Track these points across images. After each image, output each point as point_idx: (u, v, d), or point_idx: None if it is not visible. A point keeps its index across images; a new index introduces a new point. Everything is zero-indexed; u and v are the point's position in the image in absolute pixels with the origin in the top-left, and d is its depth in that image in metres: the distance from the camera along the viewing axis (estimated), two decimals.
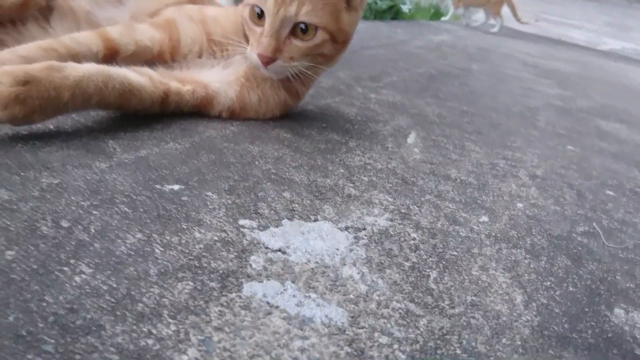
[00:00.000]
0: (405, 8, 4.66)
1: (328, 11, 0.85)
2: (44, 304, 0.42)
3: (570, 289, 0.62)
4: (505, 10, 4.99)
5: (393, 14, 4.50)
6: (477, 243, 0.68)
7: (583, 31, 6.40)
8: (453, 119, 1.35)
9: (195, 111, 0.93)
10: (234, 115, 0.96)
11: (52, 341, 0.39)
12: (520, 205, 0.84)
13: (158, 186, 0.65)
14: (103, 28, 0.92)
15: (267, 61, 0.85)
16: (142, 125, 0.83)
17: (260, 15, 0.85)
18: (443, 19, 5.32)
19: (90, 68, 0.75)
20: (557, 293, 0.60)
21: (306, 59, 0.88)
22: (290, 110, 1.04)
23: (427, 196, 0.79)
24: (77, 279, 0.46)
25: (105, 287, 0.45)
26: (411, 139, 1.08)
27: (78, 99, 0.73)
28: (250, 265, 0.53)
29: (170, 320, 0.43)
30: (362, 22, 3.37)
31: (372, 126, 1.12)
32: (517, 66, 2.80)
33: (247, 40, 0.94)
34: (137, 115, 0.84)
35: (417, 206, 0.75)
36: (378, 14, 4.21)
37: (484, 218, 0.76)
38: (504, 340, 0.50)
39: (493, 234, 0.71)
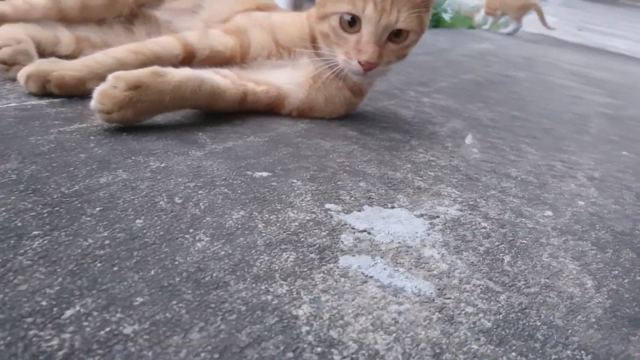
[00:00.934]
0: (446, 16, 4.69)
1: (416, 15, 0.91)
2: (176, 263, 0.49)
3: (638, 278, 0.65)
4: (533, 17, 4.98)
5: (434, 22, 4.53)
6: (544, 234, 0.71)
7: (626, 41, 6.25)
8: (505, 123, 1.38)
9: (267, 110, 1.00)
10: (302, 114, 1.03)
11: (190, 292, 0.45)
12: (581, 203, 0.87)
13: (249, 172, 0.71)
14: (182, 34, 1.00)
15: (370, 67, 0.90)
16: (223, 121, 0.91)
17: (352, 23, 0.90)
18: (483, 27, 5.32)
19: (186, 73, 0.83)
20: (626, 281, 0.63)
21: (395, 58, 0.94)
22: (353, 109, 1.10)
23: (492, 191, 0.83)
24: (198, 245, 0.52)
25: (222, 253, 0.52)
26: (469, 140, 1.12)
27: (177, 102, 0.81)
28: (342, 242, 0.58)
29: (282, 282, 0.49)
30: None
31: (429, 127, 1.17)
32: (562, 75, 2.79)
33: (314, 43, 1.00)
34: (218, 112, 0.91)
35: (484, 200, 0.79)
36: None
37: (548, 213, 0.79)
38: (579, 317, 0.53)
39: (558, 227, 0.75)
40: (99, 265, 0.46)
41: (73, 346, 0.37)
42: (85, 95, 0.87)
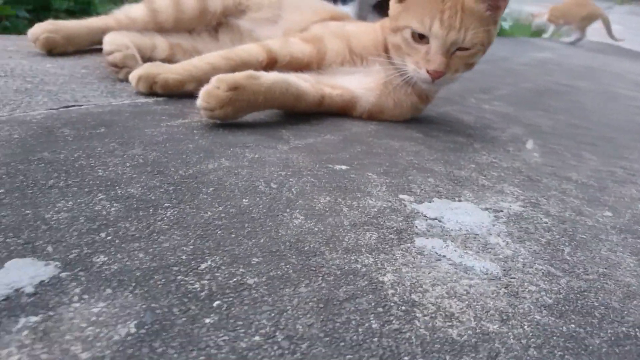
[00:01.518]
0: (505, 25, 4.64)
1: (483, 29, 0.98)
2: (280, 234, 0.58)
3: None
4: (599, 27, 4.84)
5: None
6: (604, 231, 0.76)
7: None
8: (565, 131, 1.41)
9: (340, 112, 1.09)
10: (372, 116, 1.11)
11: (294, 257, 0.54)
12: None
13: (330, 165, 0.81)
14: (265, 42, 1.11)
15: (438, 76, 0.98)
16: (301, 121, 1.00)
17: (422, 36, 0.98)
18: (544, 36, 5.21)
19: (276, 77, 0.93)
20: None
21: (463, 67, 1.01)
22: (419, 113, 1.17)
23: (552, 192, 0.89)
24: (295, 221, 0.62)
25: (316, 229, 0.61)
26: (529, 145, 1.17)
27: (268, 102, 0.92)
28: (416, 226, 0.66)
29: (368, 255, 0.58)
30: None
31: (490, 132, 1.23)
32: (628, 85, 2.73)
33: (386, 52, 1.09)
34: (298, 113, 1.02)
35: (545, 199, 0.85)
36: None
37: (608, 213, 0.84)
38: (635, 302, 0.59)
39: (617, 226, 0.79)
40: (219, 232, 0.57)
41: (211, 289, 0.47)
42: (184, 95, 0.99)
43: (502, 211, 0.76)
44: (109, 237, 0.52)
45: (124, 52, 1.06)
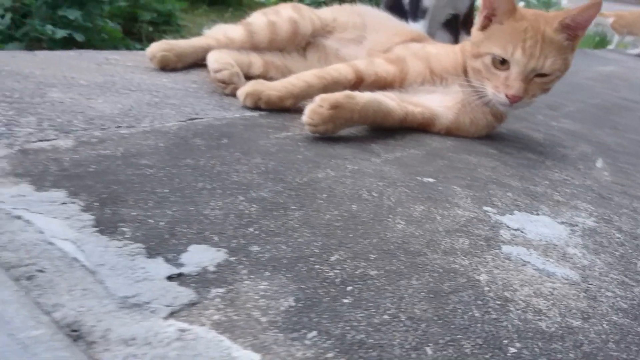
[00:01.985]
0: None
1: (562, 58, 1.06)
2: (388, 236, 0.69)
3: None
4: None
5: None
6: None
7: None
8: (635, 149, 1.45)
9: (420, 128, 1.20)
10: (449, 132, 1.21)
11: (402, 256, 0.66)
12: None
13: (419, 178, 0.91)
14: (353, 62, 1.23)
15: (517, 100, 1.07)
16: (387, 136, 1.12)
17: (503, 62, 1.07)
18: (609, 47, 5.10)
19: (369, 97, 1.05)
20: None
21: (539, 92, 1.10)
22: (493, 131, 1.26)
23: (624, 210, 0.95)
24: (398, 226, 0.73)
25: (416, 233, 0.72)
26: (599, 163, 1.23)
27: (361, 119, 1.04)
28: (501, 235, 0.76)
29: (463, 257, 0.68)
30: None
31: (560, 150, 1.29)
32: None
33: (464, 74, 1.18)
34: (384, 129, 1.13)
35: (617, 216, 0.92)
36: None
37: None
38: None
39: None
40: (339, 232, 0.68)
41: (343, 277, 0.59)
42: (283, 110, 1.13)
43: (577, 225, 0.84)
44: (256, 232, 0.65)
45: (230, 70, 1.21)
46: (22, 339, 0.43)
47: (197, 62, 1.35)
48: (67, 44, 1.94)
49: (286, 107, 1.13)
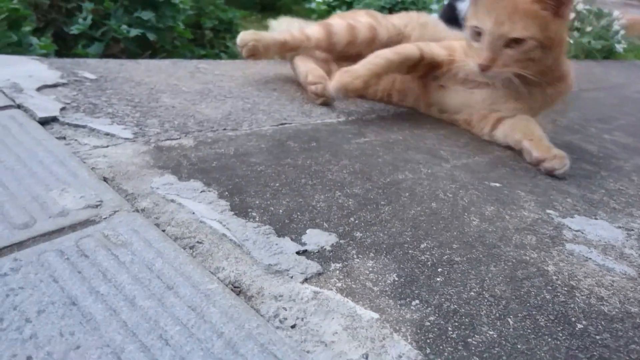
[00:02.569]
0: (619, 47, 4.54)
1: (536, 23, 1.10)
2: (466, 231, 0.81)
3: None
4: None
5: (605, 53, 4.40)
6: None
7: None
8: None
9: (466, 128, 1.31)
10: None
11: (480, 247, 0.77)
12: None
13: (486, 182, 1.02)
14: (416, 43, 1.35)
15: (484, 69, 1.15)
16: (452, 145, 1.23)
17: (480, 34, 1.16)
18: None
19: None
20: None
21: (517, 64, 1.15)
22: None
23: None
24: (473, 223, 0.84)
25: (490, 230, 0.83)
26: None
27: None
28: (564, 235, 0.86)
29: (532, 251, 0.79)
30: (574, 62, 3.45)
31: (614, 162, 1.37)
32: None
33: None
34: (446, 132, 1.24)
35: None
36: (590, 54, 4.18)
37: None
38: None
39: None
40: (424, 225, 0.80)
41: (433, 261, 0.71)
42: (359, 118, 1.25)
43: (633, 230, 0.93)
44: (356, 221, 0.78)
45: (323, 84, 1.34)
46: (203, 290, 0.57)
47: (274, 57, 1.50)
48: (141, 43, 2.12)
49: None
